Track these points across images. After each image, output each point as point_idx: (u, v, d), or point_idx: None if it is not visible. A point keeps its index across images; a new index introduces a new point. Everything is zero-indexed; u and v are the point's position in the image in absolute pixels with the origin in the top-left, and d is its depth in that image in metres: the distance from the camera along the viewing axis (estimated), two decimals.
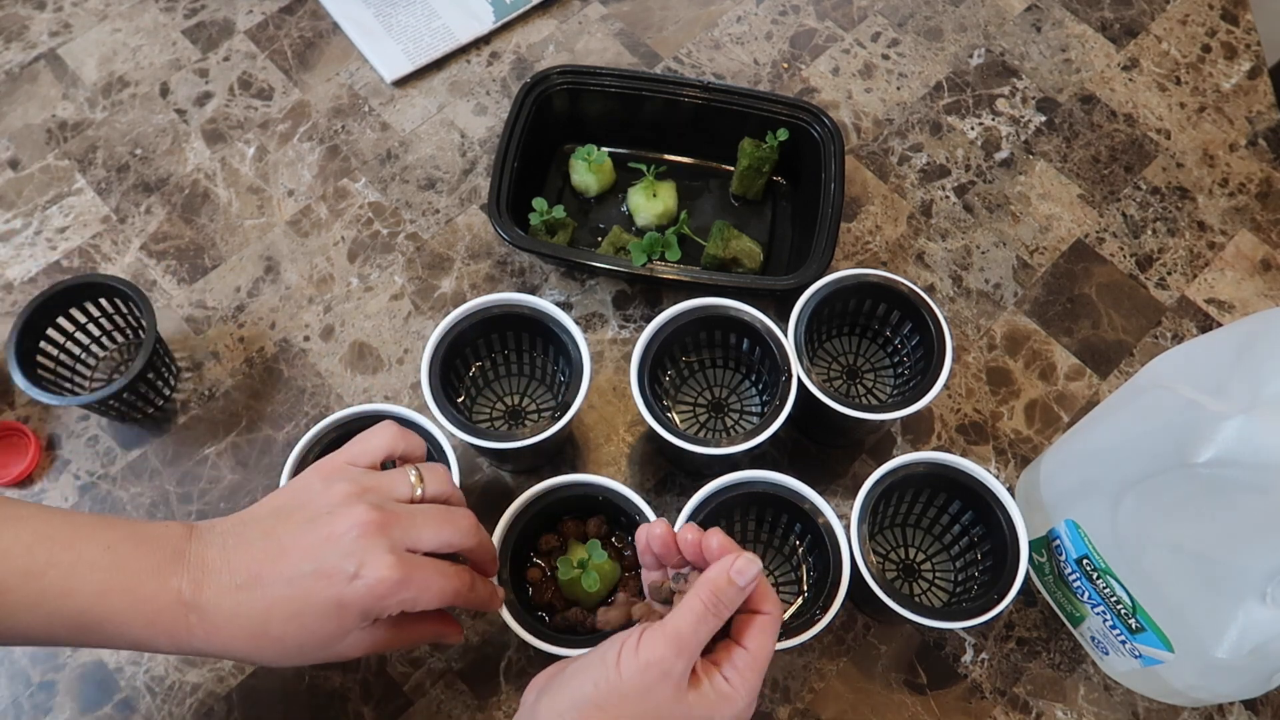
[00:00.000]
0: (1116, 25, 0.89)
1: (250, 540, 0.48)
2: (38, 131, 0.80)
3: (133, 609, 0.46)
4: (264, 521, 0.49)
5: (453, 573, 0.50)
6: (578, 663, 0.47)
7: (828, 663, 0.64)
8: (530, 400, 0.69)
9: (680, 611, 0.45)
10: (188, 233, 0.77)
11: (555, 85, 0.76)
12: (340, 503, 0.48)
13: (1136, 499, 0.53)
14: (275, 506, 0.50)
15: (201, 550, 0.47)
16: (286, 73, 0.83)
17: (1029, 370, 0.74)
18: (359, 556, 0.46)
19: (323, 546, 0.47)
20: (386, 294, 0.75)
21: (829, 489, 0.69)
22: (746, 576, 0.46)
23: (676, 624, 0.45)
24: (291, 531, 0.48)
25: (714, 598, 0.45)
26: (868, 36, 0.87)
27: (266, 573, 0.47)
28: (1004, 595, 0.57)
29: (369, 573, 0.46)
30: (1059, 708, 0.63)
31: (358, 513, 0.47)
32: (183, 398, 0.71)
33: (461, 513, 0.52)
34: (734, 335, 0.66)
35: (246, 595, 0.46)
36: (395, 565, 0.47)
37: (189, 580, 0.46)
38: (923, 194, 0.80)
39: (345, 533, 0.47)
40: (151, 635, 0.46)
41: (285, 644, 0.47)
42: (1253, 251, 0.79)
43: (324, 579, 0.46)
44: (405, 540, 0.48)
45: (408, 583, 0.47)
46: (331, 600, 0.46)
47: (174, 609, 0.46)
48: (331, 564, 0.46)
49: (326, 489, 0.49)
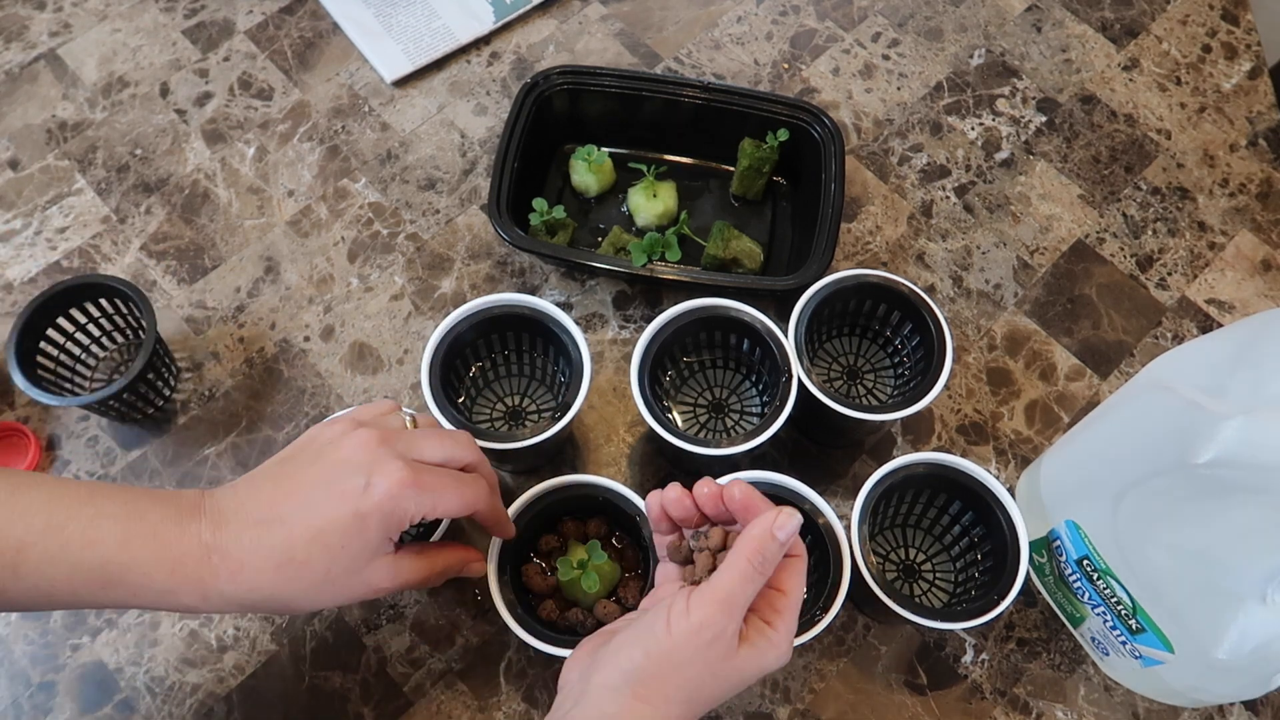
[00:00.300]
0: (1117, 25, 0.89)
1: (261, 485, 0.49)
2: (38, 131, 0.80)
3: (155, 555, 0.46)
4: (271, 468, 0.50)
5: (469, 479, 0.51)
6: (623, 635, 0.47)
7: (828, 663, 0.64)
8: (530, 400, 0.69)
9: (726, 572, 0.46)
10: (188, 233, 0.77)
11: (555, 85, 0.76)
12: (340, 434, 0.50)
13: (1136, 499, 0.53)
14: (280, 457, 0.51)
15: (215, 501, 0.48)
16: (286, 73, 0.83)
17: (1029, 370, 0.74)
18: (368, 468, 0.48)
19: (332, 470, 0.48)
20: (386, 294, 0.75)
21: (829, 489, 0.69)
22: (788, 531, 0.46)
23: (725, 584, 0.45)
24: (299, 468, 0.49)
25: (759, 555, 0.46)
26: (868, 37, 0.87)
27: (283, 506, 0.48)
28: (1004, 596, 0.57)
29: (380, 479, 0.47)
30: (1059, 708, 0.63)
31: (360, 434, 0.49)
32: (183, 398, 0.71)
33: (459, 432, 0.53)
34: (734, 336, 0.66)
35: (267, 528, 0.47)
36: (404, 469, 0.48)
37: (208, 524, 0.47)
38: (923, 194, 0.80)
39: (352, 452, 0.48)
40: (175, 583, 0.46)
41: (312, 569, 0.47)
42: (1253, 252, 0.79)
43: (339, 496, 0.47)
44: (410, 452, 0.49)
45: (420, 483, 0.48)
46: (349, 514, 0.47)
47: (196, 552, 0.46)
48: (344, 481, 0.47)
49: (325, 430, 0.51)
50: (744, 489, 0.48)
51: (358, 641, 0.64)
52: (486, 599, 0.65)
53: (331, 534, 0.47)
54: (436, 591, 0.65)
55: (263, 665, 0.63)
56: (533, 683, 0.63)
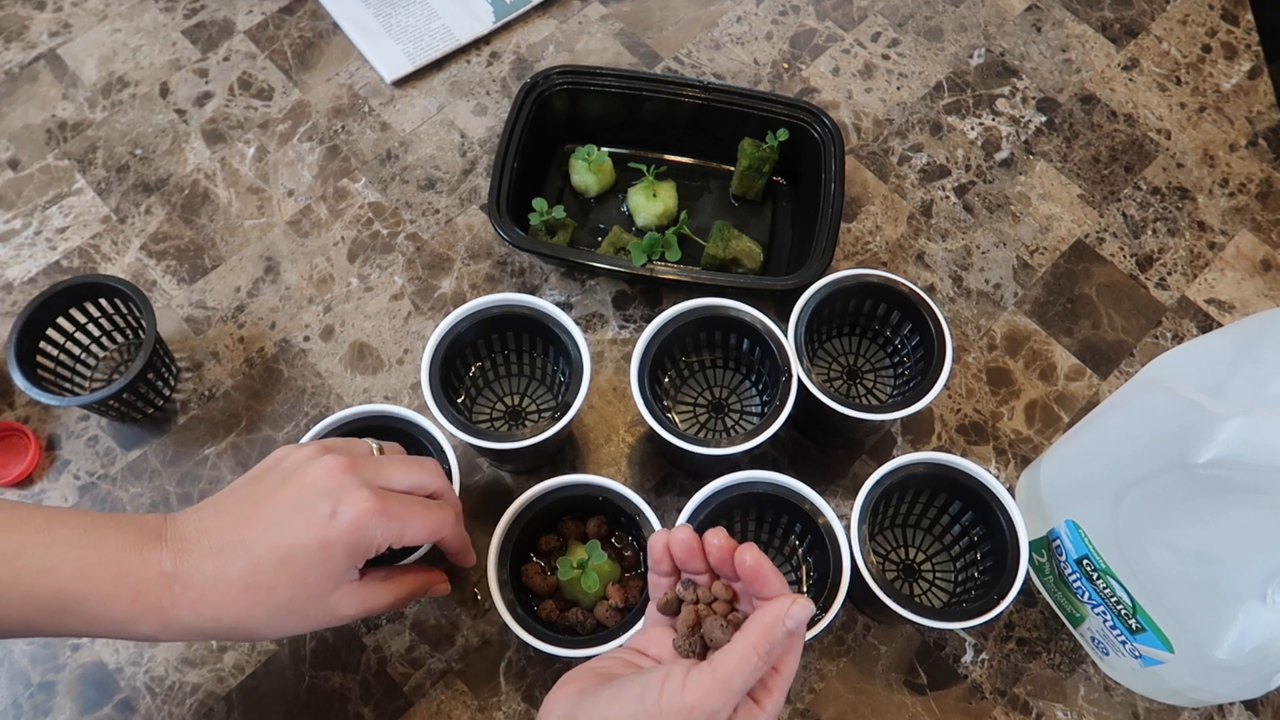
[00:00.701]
0: (1116, 25, 0.89)
1: (226, 509, 0.48)
2: (38, 131, 0.80)
3: (113, 584, 0.45)
4: (236, 492, 0.50)
5: (435, 506, 0.51)
6: (613, 688, 0.45)
7: (828, 663, 0.64)
8: (530, 400, 0.69)
9: (730, 656, 0.43)
10: (188, 233, 0.77)
11: (555, 85, 0.76)
12: (307, 458, 0.49)
13: (1136, 499, 0.53)
14: (245, 479, 0.50)
15: (177, 527, 0.47)
16: (286, 73, 0.83)
17: (1029, 370, 0.74)
18: (334, 495, 0.47)
19: (298, 495, 0.47)
20: (386, 294, 0.75)
21: (829, 489, 0.69)
22: (798, 621, 0.44)
23: (726, 669, 0.43)
24: (264, 491, 0.48)
25: (766, 644, 0.43)
26: (868, 36, 0.87)
27: (246, 531, 0.47)
28: (1004, 595, 0.57)
29: (347, 508, 0.47)
30: (1059, 708, 0.63)
31: (327, 461, 0.48)
32: (183, 398, 0.71)
33: (424, 459, 0.53)
34: (734, 335, 0.66)
35: (230, 556, 0.46)
36: (371, 497, 0.47)
37: (169, 552, 0.46)
38: (923, 194, 0.80)
39: (318, 479, 0.48)
40: (134, 614, 0.45)
41: (276, 597, 0.46)
42: (1253, 252, 0.79)
43: (304, 523, 0.47)
44: (376, 479, 0.49)
45: (387, 511, 0.47)
46: (315, 541, 0.46)
47: (156, 581, 0.45)
48: (310, 508, 0.47)
49: (293, 453, 0.50)
50: (755, 555, 0.45)
51: (358, 641, 0.64)
52: (486, 599, 0.65)
53: (296, 562, 0.46)
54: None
55: (263, 665, 0.63)
56: (533, 683, 0.63)
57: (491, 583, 0.57)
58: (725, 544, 0.47)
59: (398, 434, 0.61)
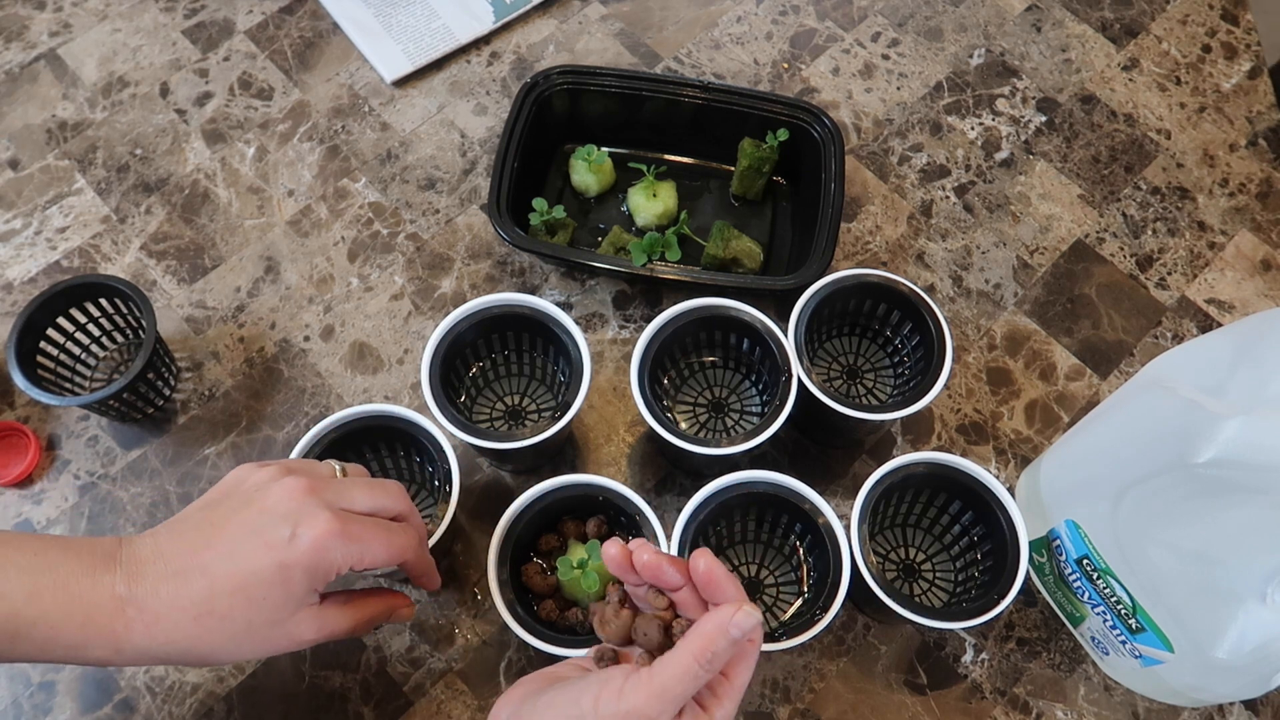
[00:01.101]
0: (1116, 25, 0.89)
1: (182, 532, 0.47)
2: (38, 131, 0.80)
3: (66, 608, 0.44)
4: (194, 514, 0.49)
5: (398, 529, 0.50)
6: (553, 692, 0.45)
7: (828, 663, 0.64)
8: (530, 400, 0.69)
9: (669, 664, 0.42)
10: (188, 233, 0.77)
11: (555, 85, 0.76)
12: (268, 480, 0.48)
13: (1136, 499, 0.53)
14: (204, 501, 0.49)
15: (133, 550, 0.46)
16: (286, 73, 0.83)
17: (1029, 370, 0.74)
18: (294, 518, 0.46)
19: (257, 518, 0.46)
20: (386, 294, 0.75)
21: (829, 489, 0.69)
22: (743, 630, 0.42)
23: (663, 678, 0.42)
24: (223, 514, 0.47)
25: (707, 653, 0.42)
26: (868, 36, 0.87)
27: (204, 555, 0.46)
28: (1004, 595, 0.57)
29: (306, 530, 0.46)
30: (1059, 708, 0.63)
31: (287, 483, 0.47)
32: (183, 398, 0.71)
33: (388, 481, 0.52)
34: (734, 335, 0.66)
35: (186, 579, 0.45)
36: (332, 519, 0.46)
37: (123, 576, 0.45)
38: (923, 194, 0.80)
39: (278, 501, 0.47)
40: (86, 637, 0.44)
41: (233, 622, 0.45)
42: (1253, 251, 0.79)
43: (263, 546, 0.46)
44: (339, 501, 0.48)
45: (347, 534, 0.46)
46: (273, 565, 0.45)
47: (109, 605, 0.44)
48: (269, 530, 0.46)
49: (252, 474, 0.49)
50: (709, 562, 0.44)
51: (358, 641, 0.64)
52: (486, 598, 0.65)
53: (254, 585, 0.45)
54: (436, 591, 0.65)
55: (263, 665, 0.63)
56: None
57: (491, 582, 0.57)
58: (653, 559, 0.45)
59: (398, 434, 0.61)
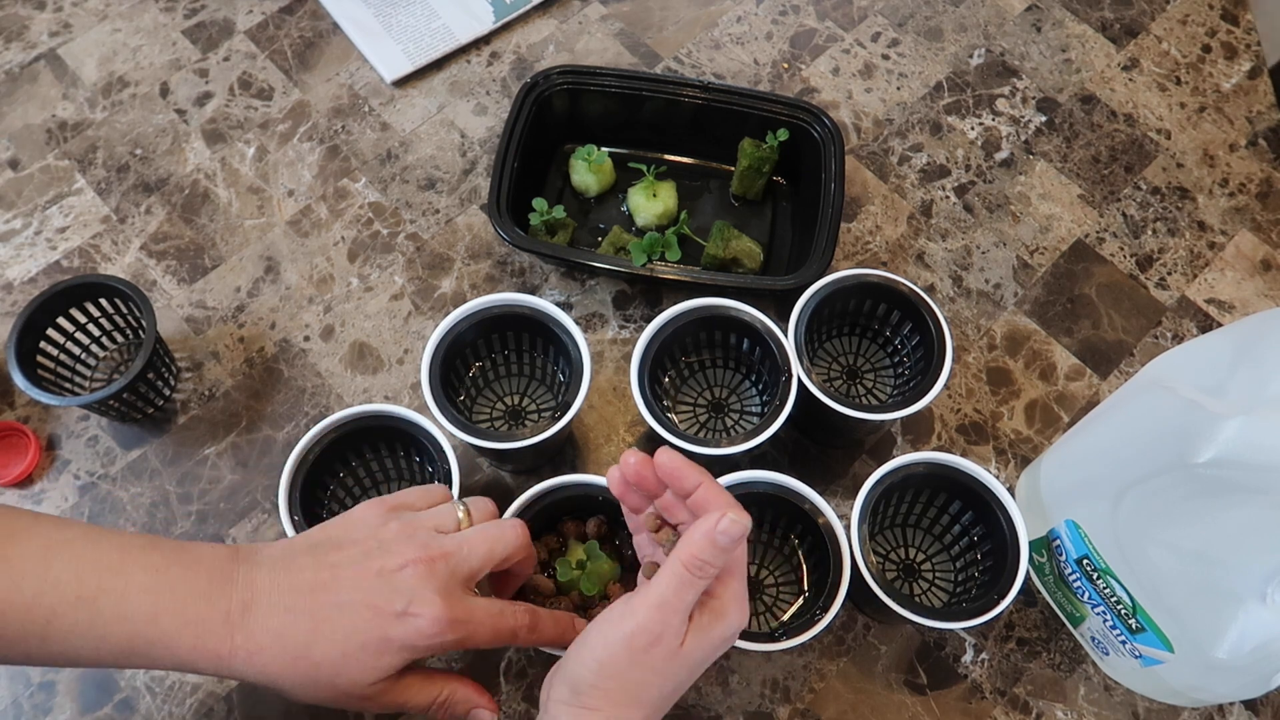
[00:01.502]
0: (1116, 25, 0.89)
1: (301, 567, 0.48)
2: (38, 131, 0.80)
3: (181, 631, 0.46)
4: (315, 550, 0.49)
5: (509, 611, 0.51)
6: (573, 645, 0.47)
7: (828, 663, 0.64)
8: (530, 400, 0.69)
9: (662, 577, 0.44)
10: (188, 233, 0.77)
11: (555, 85, 0.76)
12: (394, 538, 0.49)
13: (1136, 499, 0.53)
14: (327, 536, 0.50)
15: (250, 573, 0.48)
16: (286, 73, 0.83)
17: (1029, 370, 0.74)
18: (409, 595, 0.47)
19: (374, 580, 0.47)
20: (386, 294, 0.75)
21: (829, 489, 0.69)
22: (731, 537, 0.44)
23: (660, 590, 0.44)
24: (344, 561, 0.48)
25: (697, 561, 0.44)
26: (868, 36, 0.87)
27: (317, 600, 0.47)
28: (1004, 595, 0.57)
29: (418, 612, 0.47)
30: (1059, 708, 0.63)
31: (410, 550, 0.48)
32: (183, 398, 0.71)
33: (510, 523, 0.53)
34: (734, 335, 0.66)
35: (294, 618, 0.46)
36: (444, 607, 0.47)
37: (238, 602, 0.46)
38: (923, 194, 0.80)
39: (397, 570, 0.47)
40: (195, 657, 0.46)
41: (320, 670, 0.47)
42: (1253, 251, 0.79)
43: (373, 612, 0.47)
44: (457, 574, 0.49)
45: (455, 623, 0.48)
46: (376, 634, 0.47)
47: (220, 630, 0.46)
48: (382, 598, 0.47)
49: (380, 525, 0.50)
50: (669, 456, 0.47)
51: None
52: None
53: (352, 648, 0.47)
54: None
55: None
56: (533, 682, 0.63)
57: None
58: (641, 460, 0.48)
59: (398, 434, 0.61)
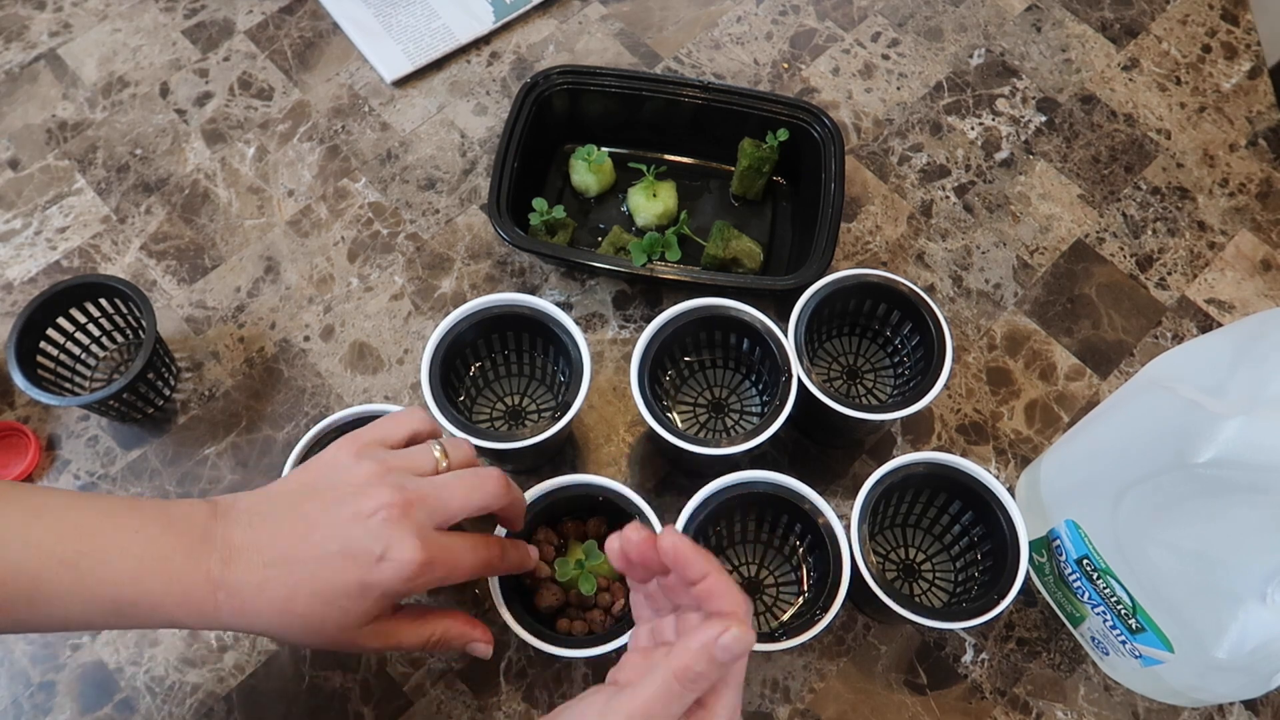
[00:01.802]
0: (1116, 25, 0.89)
1: (277, 519, 0.49)
2: (38, 131, 0.80)
3: (165, 589, 0.46)
4: (290, 497, 0.50)
5: (481, 544, 0.51)
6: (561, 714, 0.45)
7: (828, 663, 0.64)
8: (530, 400, 0.69)
9: (649, 685, 0.40)
10: (188, 233, 0.77)
11: (555, 85, 0.76)
12: (367, 481, 0.49)
13: (1136, 499, 0.53)
14: (302, 483, 0.50)
15: (228, 530, 0.48)
16: (286, 73, 0.83)
17: (1029, 370, 0.74)
18: (385, 539, 0.47)
19: (349, 526, 0.47)
20: (386, 294, 0.75)
21: (829, 489, 0.69)
22: (732, 653, 0.40)
23: (644, 699, 0.40)
24: (318, 510, 0.48)
25: (689, 673, 0.40)
26: (868, 36, 0.87)
27: (294, 551, 0.47)
28: (1004, 595, 0.57)
29: (395, 556, 0.47)
30: (1059, 708, 0.63)
31: (384, 494, 0.48)
32: (183, 398, 0.71)
33: (488, 473, 0.52)
34: (734, 335, 0.66)
35: (274, 573, 0.47)
36: (420, 548, 0.47)
37: (218, 560, 0.47)
38: (923, 194, 0.80)
39: (372, 514, 0.47)
40: (181, 614, 0.47)
41: (309, 621, 0.47)
42: (1253, 251, 0.79)
43: (350, 560, 0.47)
44: (433, 519, 0.49)
45: (433, 564, 0.48)
46: (356, 581, 0.47)
47: (203, 587, 0.46)
48: (358, 545, 0.47)
49: (353, 467, 0.50)
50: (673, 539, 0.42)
51: None
52: (486, 598, 0.65)
53: (333, 595, 0.47)
54: (436, 591, 0.65)
55: (263, 665, 0.63)
56: (533, 682, 0.63)
57: (492, 582, 0.57)
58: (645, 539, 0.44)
59: None
